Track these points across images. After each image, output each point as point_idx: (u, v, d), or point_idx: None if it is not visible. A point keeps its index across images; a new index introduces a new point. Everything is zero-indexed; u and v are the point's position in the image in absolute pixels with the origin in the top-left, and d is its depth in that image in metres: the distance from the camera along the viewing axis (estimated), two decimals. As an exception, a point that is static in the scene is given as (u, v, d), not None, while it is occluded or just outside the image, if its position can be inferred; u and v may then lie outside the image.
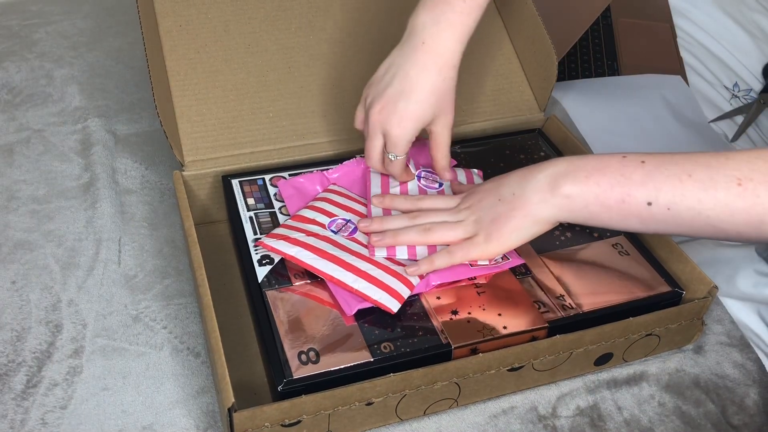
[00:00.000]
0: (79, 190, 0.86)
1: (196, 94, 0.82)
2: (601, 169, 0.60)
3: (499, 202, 0.65)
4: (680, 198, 0.56)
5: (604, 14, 1.16)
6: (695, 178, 0.56)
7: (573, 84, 1.05)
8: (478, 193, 0.68)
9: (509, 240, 0.65)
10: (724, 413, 0.68)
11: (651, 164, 0.58)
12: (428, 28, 0.69)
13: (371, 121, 0.71)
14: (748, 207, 0.54)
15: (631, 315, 0.66)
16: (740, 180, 0.54)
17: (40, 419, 0.64)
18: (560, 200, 0.61)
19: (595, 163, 0.60)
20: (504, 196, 0.65)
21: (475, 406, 0.67)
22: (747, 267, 0.80)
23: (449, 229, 0.68)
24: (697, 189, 0.56)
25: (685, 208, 0.56)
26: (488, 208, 0.66)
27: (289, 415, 0.58)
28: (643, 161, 0.59)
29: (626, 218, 0.60)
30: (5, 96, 1.00)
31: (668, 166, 0.57)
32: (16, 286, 0.75)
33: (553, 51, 0.85)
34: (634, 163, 0.59)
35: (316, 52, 0.87)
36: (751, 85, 1.07)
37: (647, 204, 0.58)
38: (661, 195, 0.57)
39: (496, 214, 0.65)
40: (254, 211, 0.75)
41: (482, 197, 0.67)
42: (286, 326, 0.64)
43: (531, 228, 0.64)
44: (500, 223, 0.65)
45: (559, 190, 0.61)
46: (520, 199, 0.63)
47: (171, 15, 0.84)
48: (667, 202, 0.57)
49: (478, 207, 0.67)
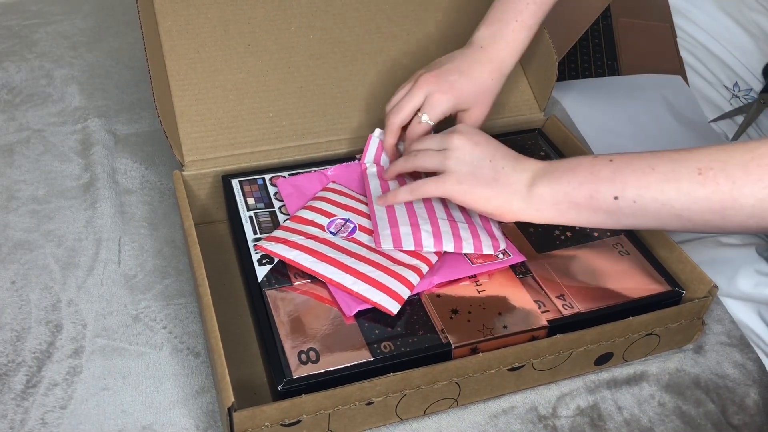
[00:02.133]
0: (79, 190, 0.86)
1: (196, 94, 0.82)
2: (573, 169, 0.63)
3: (489, 164, 0.67)
4: (645, 190, 0.60)
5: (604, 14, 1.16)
6: (658, 170, 0.59)
7: (573, 84, 1.05)
8: (476, 140, 0.68)
9: (472, 203, 0.67)
10: (724, 413, 0.68)
11: (618, 162, 0.62)
12: (486, 40, 0.78)
13: (420, 81, 0.76)
14: (709, 194, 0.57)
15: (631, 315, 0.66)
16: (701, 169, 0.57)
17: (40, 419, 0.64)
18: (532, 198, 0.65)
19: (568, 164, 0.64)
20: (496, 163, 0.67)
21: (475, 405, 0.67)
22: (747, 267, 0.80)
23: (430, 156, 0.69)
24: (660, 180, 0.59)
25: (650, 200, 0.60)
26: (476, 161, 0.67)
27: (289, 415, 0.58)
28: (611, 159, 0.62)
29: (595, 213, 0.63)
30: (5, 96, 1.00)
31: (634, 162, 0.61)
32: (16, 286, 0.75)
33: (553, 51, 0.85)
34: (602, 162, 0.62)
35: (316, 52, 0.87)
36: (751, 85, 1.07)
37: (614, 198, 0.61)
38: (627, 189, 0.60)
39: (479, 171, 0.67)
40: (254, 211, 0.75)
41: (477, 148, 0.68)
42: (286, 326, 0.64)
43: (495, 209, 0.67)
44: (476, 182, 0.66)
45: (533, 189, 0.65)
46: (505, 177, 0.66)
47: (171, 15, 0.84)
48: (633, 195, 0.60)
49: (469, 152, 0.68)
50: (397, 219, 0.72)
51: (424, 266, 0.69)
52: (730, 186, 0.56)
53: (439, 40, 0.90)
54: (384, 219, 0.72)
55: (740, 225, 0.57)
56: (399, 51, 0.89)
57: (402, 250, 0.70)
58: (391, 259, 0.69)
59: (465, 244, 0.69)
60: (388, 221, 0.71)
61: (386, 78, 0.87)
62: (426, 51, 0.89)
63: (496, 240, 0.71)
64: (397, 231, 0.70)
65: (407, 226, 0.71)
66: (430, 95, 0.76)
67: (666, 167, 0.59)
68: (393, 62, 0.88)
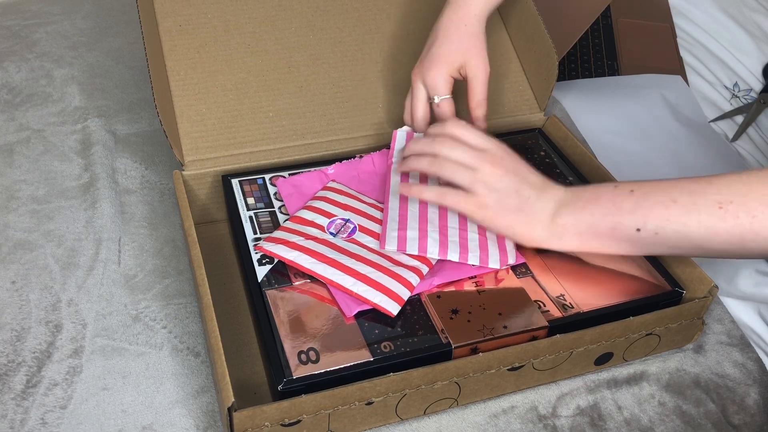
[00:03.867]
0: (79, 190, 0.86)
1: (196, 94, 0.82)
2: (595, 200, 0.64)
3: (516, 194, 0.66)
4: (666, 223, 0.61)
5: (604, 14, 1.16)
6: (679, 203, 0.60)
7: (573, 84, 1.05)
8: (506, 167, 0.68)
9: (494, 227, 0.68)
10: (724, 413, 0.68)
11: (639, 193, 0.62)
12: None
13: (413, 77, 0.79)
14: (729, 228, 0.58)
15: (631, 314, 0.66)
16: (721, 203, 0.58)
17: (40, 419, 0.64)
18: (556, 228, 0.65)
19: (590, 195, 0.65)
20: (523, 193, 0.67)
21: (476, 405, 0.67)
22: (747, 267, 0.80)
23: (460, 172, 0.68)
24: (681, 214, 0.60)
25: (672, 232, 0.61)
26: (503, 190, 0.67)
27: (289, 415, 0.58)
28: (632, 190, 0.63)
29: (618, 243, 0.64)
30: (5, 96, 1.00)
31: (655, 193, 0.62)
32: (16, 286, 0.75)
33: (553, 51, 0.85)
34: (624, 193, 0.63)
35: (316, 52, 0.87)
36: (751, 85, 1.07)
37: (636, 230, 0.62)
38: (648, 221, 0.61)
39: (505, 200, 0.67)
40: (254, 211, 0.75)
41: (506, 177, 0.67)
42: (286, 326, 0.64)
43: (519, 237, 0.68)
44: (500, 209, 0.67)
45: (557, 219, 0.65)
46: (530, 207, 0.66)
47: (171, 15, 0.84)
48: (655, 227, 0.61)
49: (498, 180, 0.67)
50: (407, 222, 0.71)
51: (424, 267, 0.69)
52: (750, 220, 0.57)
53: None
54: (395, 220, 0.72)
55: (761, 253, 0.59)
56: (399, 51, 0.89)
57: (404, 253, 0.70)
58: (391, 260, 0.69)
59: (471, 255, 0.69)
60: (398, 222, 0.71)
61: (386, 78, 0.87)
62: (426, 51, 0.89)
63: (505, 254, 0.70)
64: (404, 234, 0.70)
65: (416, 230, 0.70)
66: (425, 79, 0.78)
67: (686, 199, 0.60)
68: (393, 62, 0.88)
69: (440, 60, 0.77)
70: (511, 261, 0.70)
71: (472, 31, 0.77)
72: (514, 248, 0.71)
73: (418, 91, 0.79)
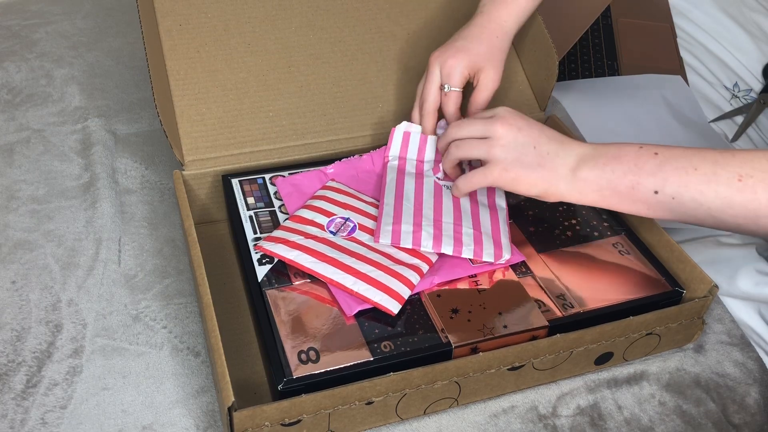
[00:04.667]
0: (79, 190, 0.86)
1: (196, 94, 0.82)
2: (618, 157, 0.64)
3: (534, 150, 0.67)
4: (684, 189, 0.61)
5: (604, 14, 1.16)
6: (700, 171, 0.61)
7: (573, 84, 1.05)
8: (518, 125, 0.68)
9: (519, 188, 0.68)
10: (724, 412, 0.68)
11: (663, 156, 0.63)
12: (486, 6, 0.81)
13: (430, 60, 0.79)
14: (746, 202, 0.59)
15: (631, 314, 0.66)
16: (741, 176, 0.59)
17: (40, 419, 0.64)
18: (577, 181, 0.66)
19: (614, 152, 0.65)
20: (541, 148, 0.67)
21: (476, 405, 0.67)
22: (748, 266, 0.80)
23: (475, 146, 0.69)
24: (700, 182, 0.61)
25: (689, 199, 0.61)
26: (521, 147, 0.67)
27: (289, 415, 0.58)
28: (656, 153, 0.63)
29: (634, 203, 0.64)
30: (5, 96, 1.00)
31: (678, 158, 0.62)
32: (16, 286, 0.75)
33: (553, 51, 0.85)
34: (648, 154, 0.63)
35: (316, 52, 0.87)
36: (751, 85, 1.07)
37: (654, 192, 0.63)
38: (667, 185, 0.62)
39: (524, 158, 0.67)
40: (254, 211, 0.75)
41: (521, 134, 0.68)
42: (286, 325, 0.64)
43: (541, 192, 0.67)
44: (522, 168, 0.67)
45: (579, 173, 0.66)
46: (550, 162, 0.67)
47: (171, 14, 0.84)
48: (673, 192, 0.62)
49: (513, 139, 0.67)
50: (402, 216, 0.72)
51: (425, 265, 0.69)
52: (766, 196, 0.58)
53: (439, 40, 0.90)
54: (390, 215, 0.72)
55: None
56: (399, 51, 0.89)
57: (400, 248, 0.70)
58: (391, 259, 0.69)
59: (465, 248, 0.69)
60: (393, 217, 0.71)
61: (386, 78, 0.87)
62: (426, 50, 0.89)
63: (500, 249, 0.70)
64: (398, 228, 0.70)
65: (410, 224, 0.71)
66: (442, 65, 0.78)
67: (708, 168, 0.60)
68: (393, 62, 0.88)
69: (464, 53, 0.78)
70: (506, 256, 0.70)
71: (499, 45, 0.79)
72: (509, 244, 0.72)
73: (433, 75, 0.79)
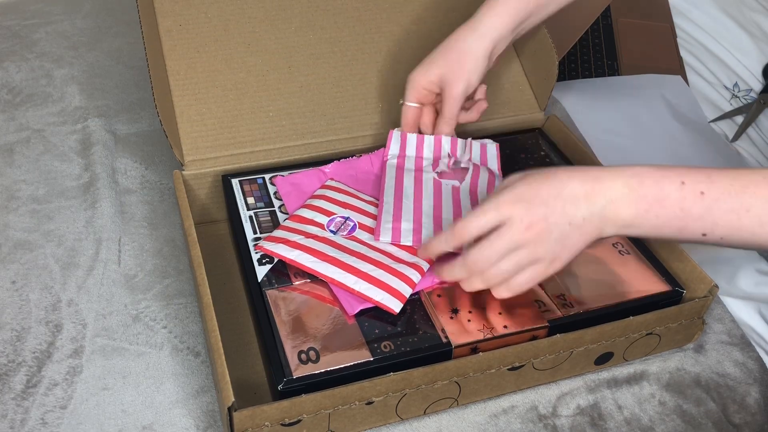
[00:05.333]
0: (79, 190, 0.86)
1: (196, 94, 0.82)
2: (661, 201, 0.58)
3: (570, 226, 0.59)
4: (736, 231, 0.57)
5: (604, 14, 1.16)
6: (753, 213, 0.56)
7: (573, 84, 1.05)
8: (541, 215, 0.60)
9: (570, 257, 0.62)
10: (725, 412, 0.68)
11: (710, 196, 0.57)
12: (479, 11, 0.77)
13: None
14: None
15: (631, 314, 0.66)
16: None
17: (40, 419, 0.64)
18: (621, 228, 0.60)
19: (654, 193, 0.58)
20: (575, 219, 0.59)
21: (476, 405, 0.67)
22: (748, 266, 0.80)
23: (514, 263, 0.61)
24: (754, 225, 0.56)
25: (738, 239, 0.58)
26: (557, 232, 0.60)
27: (289, 415, 0.58)
28: (702, 192, 0.57)
29: (680, 239, 0.61)
30: (5, 96, 1.00)
31: (727, 198, 0.57)
32: (16, 286, 0.75)
33: (553, 50, 0.85)
34: (693, 195, 0.57)
35: (316, 52, 0.87)
36: (751, 85, 1.07)
37: (702, 234, 0.58)
38: (717, 229, 0.58)
39: (566, 238, 0.60)
40: (254, 211, 0.75)
41: (549, 222, 0.59)
42: (286, 325, 0.64)
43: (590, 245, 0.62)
44: (569, 246, 0.61)
45: (620, 219, 0.59)
46: (590, 224, 0.60)
47: (171, 15, 0.84)
48: (723, 233, 0.58)
49: (547, 233, 0.60)
50: (402, 214, 0.72)
51: (425, 264, 0.69)
52: None
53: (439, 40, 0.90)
54: (390, 213, 0.72)
55: None
56: (399, 51, 0.89)
57: (400, 246, 0.70)
58: (391, 257, 0.69)
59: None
60: (392, 215, 0.72)
61: (386, 78, 0.87)
62: (426, 51, 0.89)
63: None
64: (398, 225, 0.70)
65: (410, 222, 0.71)
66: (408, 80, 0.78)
67: (761, 209, 0.56)
68: (393, 62, 0.88)
69: (422, 66, 0.77)
70: None
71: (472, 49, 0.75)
72: None
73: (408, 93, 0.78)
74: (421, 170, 0.78)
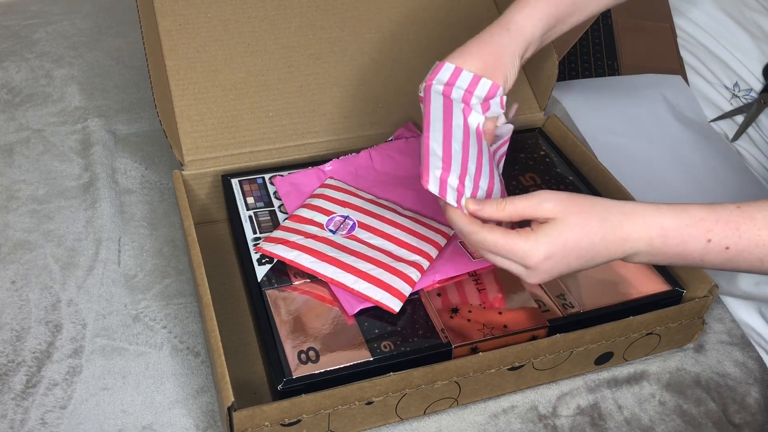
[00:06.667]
0: (79, 190, 0.86)
1: (196, 94, 0.82)
2: (683, 256, 0.58)
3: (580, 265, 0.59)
4: (757, 271, 0.58)
5: (604, 14, 1.16)
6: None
7: (573, 84, 1.05)
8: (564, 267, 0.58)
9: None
10: (725, 412, 0.68)
11: (735, 250, 0.56)
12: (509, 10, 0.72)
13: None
14: None
15: (631, 314, 0.66)
16: None
17: (40, 419, 0.64)
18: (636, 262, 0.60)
19: (678, 252, 0.57)
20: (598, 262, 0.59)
21: (476, 405, 0.67)
22: (748, 266, 0.80)
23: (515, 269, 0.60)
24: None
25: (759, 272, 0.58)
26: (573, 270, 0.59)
27: (289, 415, 0.58)
28: (727, 247, 0.56)
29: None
30: (5, 96, 1.00)
31: (753, 250, 0.56)
32: (15, 286, 0.75)
33: (553, 50, 0.85)
34: (717, 250, 0.57)
35: (316, 52, 0.87)
36: (752, 85, 1.06)
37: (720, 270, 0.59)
38: (735, 269, 0.58)
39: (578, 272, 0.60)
40: (254, 210, 0.75)
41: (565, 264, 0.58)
42: (285, 325, 0.64)
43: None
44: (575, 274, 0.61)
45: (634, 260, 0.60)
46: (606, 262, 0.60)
47: (171, 15, 0.84)
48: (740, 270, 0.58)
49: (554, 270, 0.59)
50: (451, 163, 0.63)
51: (425, 262, 0.68)
52: None
53: (440, 39, 0.90)
54: (438, 156, 0.63)
55: None
56: (399, 51, 0.89)
57: (402, 242, 0.70)
58: (391, 256, 0.69)
59: None
60: (442, 160, 0.63)
61: (386, 78, 0.87)
62: (426, 50, 0.89)
63: None
64: (446, 177, 0.62)
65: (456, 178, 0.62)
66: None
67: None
68: (393, 62, 0.88)
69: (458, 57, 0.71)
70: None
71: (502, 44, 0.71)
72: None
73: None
74: (470, 109, 0.69)
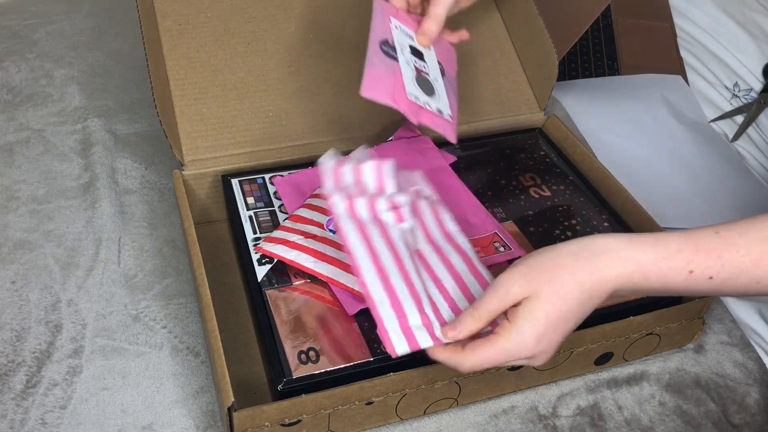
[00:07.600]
0: (79, 190, 0.86)
1: (196, 94, 0.82)
2: (668, 289, 0.56)
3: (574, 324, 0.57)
4: (744, 295, 0.57)
5: (604, 14, 1.16)
6: (763, 284, 0.55)
7: (573, 84, 1.05)
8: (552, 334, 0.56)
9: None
10: (725, 412, 0.68)
11: (719, 279, 0.55)
12: None
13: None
14: None
15: (631, 314, 0.66)
16: None
17: (40, 419, 0.64)
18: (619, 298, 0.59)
19: (659, 287, 0.56)
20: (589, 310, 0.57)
21: (476, 405, 0.67)
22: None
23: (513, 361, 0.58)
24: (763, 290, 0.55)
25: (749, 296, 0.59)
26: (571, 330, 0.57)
27: (289, 415, 0.58)
28: (711, 277, 0.55)
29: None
30: (5, 96, 1.00)
31: (738, 278, 0.55)
32: (16, 286, 0.75)
33: (553, 50, 0.85)
34: (701, 281, 0.55)
35: (316, 52, 0.87)
36: (751, 84, 1.06)
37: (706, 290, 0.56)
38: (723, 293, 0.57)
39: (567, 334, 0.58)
40: (254, 210, 0.75)
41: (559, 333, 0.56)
42: (285, 325, 0.64)
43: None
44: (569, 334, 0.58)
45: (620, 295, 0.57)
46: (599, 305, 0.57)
47: (171, 15, 0.84)
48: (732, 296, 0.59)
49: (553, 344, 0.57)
50: (401, 302, 0.59)
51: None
52: None
53: (439, 40, 0.90)
54: (386, 305, 0.58)
55: None
56: (399, 51, 0.89)
57: None
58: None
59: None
60: (391, 306, 0.58)
61: (386, 78, 0.87)
62: (426, 51, 0.89)
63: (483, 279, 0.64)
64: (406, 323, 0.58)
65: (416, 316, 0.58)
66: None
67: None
68: (393, 62, 0.88)
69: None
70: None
71: None
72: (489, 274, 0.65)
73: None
74: (383, 223, 0.64)
